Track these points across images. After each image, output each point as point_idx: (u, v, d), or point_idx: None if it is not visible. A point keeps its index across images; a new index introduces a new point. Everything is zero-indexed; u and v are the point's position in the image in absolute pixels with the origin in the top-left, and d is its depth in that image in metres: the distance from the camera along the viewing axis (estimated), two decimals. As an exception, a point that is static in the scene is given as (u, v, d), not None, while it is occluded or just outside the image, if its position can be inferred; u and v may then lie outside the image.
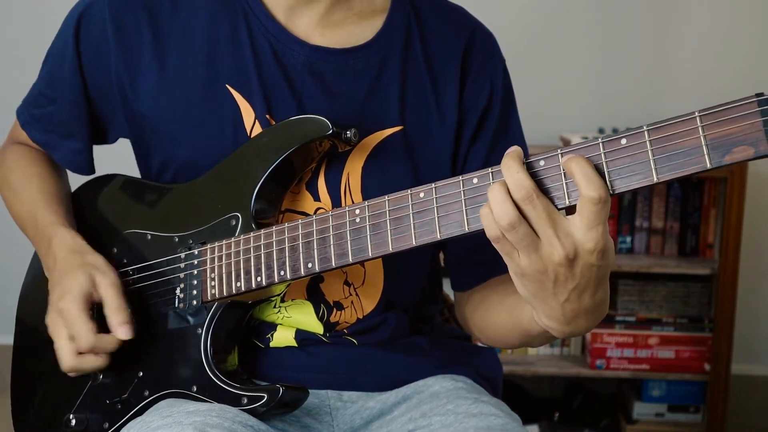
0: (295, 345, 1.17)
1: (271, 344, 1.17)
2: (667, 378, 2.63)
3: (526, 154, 1.26)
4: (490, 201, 0.88)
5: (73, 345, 1.12)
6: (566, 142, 2.61)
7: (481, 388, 1.19)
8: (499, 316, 1.14)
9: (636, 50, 2.81)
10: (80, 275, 1.14)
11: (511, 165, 0.88)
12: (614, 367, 2.61)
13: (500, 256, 1.17)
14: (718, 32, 2.79)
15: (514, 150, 0.90)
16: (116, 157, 1.53)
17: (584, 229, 0.86)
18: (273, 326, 1.17)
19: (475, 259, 1.21)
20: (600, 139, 0.88)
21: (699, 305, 2.63)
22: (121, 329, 1.12)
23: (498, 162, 1.21)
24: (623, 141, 0.87)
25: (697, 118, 0.84)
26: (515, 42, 1.61)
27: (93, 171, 1.30)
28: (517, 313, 1.06)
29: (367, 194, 1.16)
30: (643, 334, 2.61)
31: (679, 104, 2.78)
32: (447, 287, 1.35)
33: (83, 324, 1.11)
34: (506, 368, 2.25)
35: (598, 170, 0.86)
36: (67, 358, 1.13)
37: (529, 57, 2.76)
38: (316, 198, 1.16)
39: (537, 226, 0.87)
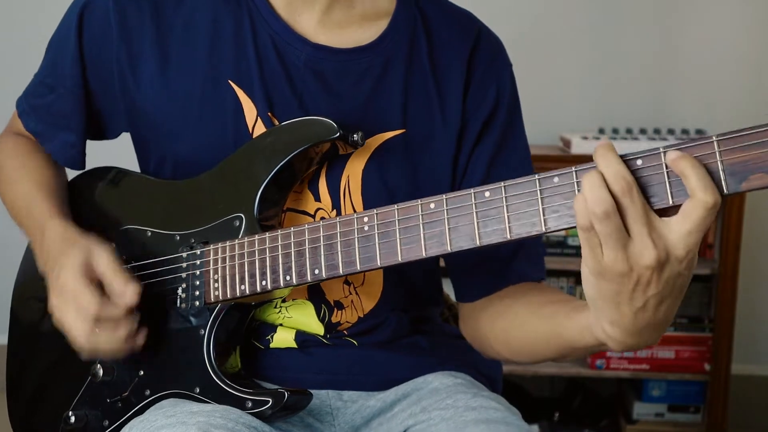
0: (295, 346, 1.17)
1: (272, 345, 1.17)
2: (667, 378, 2.62)
3: (529, 160, 1.25)
4: (584, 187, 0.84)
5: (85, 324, 1.06)
6: (566, 142, 2.60)
7: (480, 385, 1.19)
8: (531, 327, 1.08)
9: (636, 50, 2.80)
10: (74, 250, 1.10)
11: (609, 156, 0.85)
12: (614, 367, 2.61)
13: (511, 265, 1.17)
14: (720, 31, 2.78)
15: (607, 142, 0.86)
16: (115, 152, 1.52)
17: (683, 234, 0.83)
18: (273, 327, 1.17)
19: (482, 269, 1.19)
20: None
21: (699, 305, 2.63)
22: (129, 288, 1.07)
23: (501, 167, 1.21)
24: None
25: (715, 143, 0.82)
26: (515, 41, 1.60)
27: (84, 166, 1.28)
28: (559, 321, 1.02)
29: (366, 197, 1.16)
30: (643, 334, 2.60)
31: (680, 104, 2.78)
32: (446, 287, 1.34)
33: (85, 289, 1.06)
34: (506, 368, 2.23)
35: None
36: (80, 336, 1.06)
37: (528, 56, 2.75)
38: (317, 198, 1.16)
39: (632, 222, 0.83)
